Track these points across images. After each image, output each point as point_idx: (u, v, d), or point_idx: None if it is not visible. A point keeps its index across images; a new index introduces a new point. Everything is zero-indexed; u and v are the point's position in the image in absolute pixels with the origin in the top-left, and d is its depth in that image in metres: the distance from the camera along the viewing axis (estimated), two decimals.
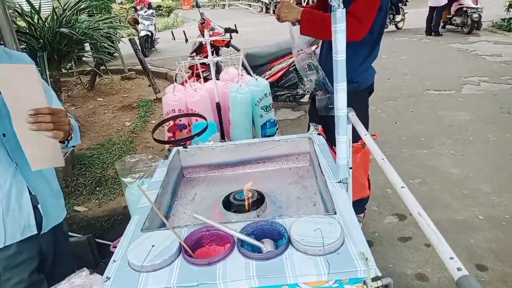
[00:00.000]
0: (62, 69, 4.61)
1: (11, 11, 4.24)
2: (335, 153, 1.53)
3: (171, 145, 1.72)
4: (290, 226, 0.98)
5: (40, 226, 1.32)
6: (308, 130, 2.37)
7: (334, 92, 1.08)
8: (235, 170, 1.60)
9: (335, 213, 1.04)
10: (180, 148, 1.59)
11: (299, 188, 1.43)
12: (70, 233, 2.80)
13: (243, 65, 2.69)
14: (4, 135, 1.21)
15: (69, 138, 1.24)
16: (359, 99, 2.14)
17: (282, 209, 1.30)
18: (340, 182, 1.19)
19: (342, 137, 1.13)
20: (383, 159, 1.07)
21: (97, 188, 3.34)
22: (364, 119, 2.18)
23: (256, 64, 4.42)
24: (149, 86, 5.92)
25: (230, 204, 1.31)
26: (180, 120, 2.42)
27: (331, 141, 1.57)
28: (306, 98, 4.83)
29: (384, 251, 2.26)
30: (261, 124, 2.44)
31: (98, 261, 2.84)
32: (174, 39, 2.49)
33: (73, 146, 1.41)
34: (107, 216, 2.96)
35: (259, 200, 1.31)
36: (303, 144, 1.55)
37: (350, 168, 1.38)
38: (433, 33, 9.47)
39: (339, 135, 1.13)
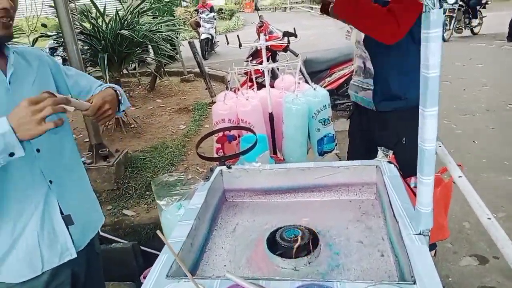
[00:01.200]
0: (123, 70, 4.72)
1: (76, 15, 4.42)
2: (409, 188, 1.25)
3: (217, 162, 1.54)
4: None
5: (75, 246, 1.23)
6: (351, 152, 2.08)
7: (420, 117, 0.82)
8: (285, 197, 1.37)
9: (415, 283, 0.77)
10: (224, 168, 1.40)
11: (362, 228, 1.16)
12: (115, 239, 2.77)
13: (300, 72, 2.47)
14: (38, 150, 1.12)
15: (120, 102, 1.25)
16: (414, 118, 1.81)
17: (340, 257, 1.05)
18: (420, 234, 0.91)
19: (427, 178, 0.85)
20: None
21: (147, 193, 3.30)
22: (413, 145, 1.85)
23: (315, 70, 4.16)
24: (206, 89, 5.90)
25: (276, 244, 1.08)
26: (230, 131, 2.25)
27: (404, 172, 1.28)
28: None
29: None
30: (318, 139, 2.19)
31: (142, 269, 2.78)
32: (228, 43, 2.33)
33: (123, 111, 1.36)
34: (153, 224, 2.89)
35: (311, 242, 1.07)
36: (369, 173, 1.28)
37: None
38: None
39: (423, 175, 0.85)
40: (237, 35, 2.12)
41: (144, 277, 0.99)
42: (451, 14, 9.25)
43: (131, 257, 2.73)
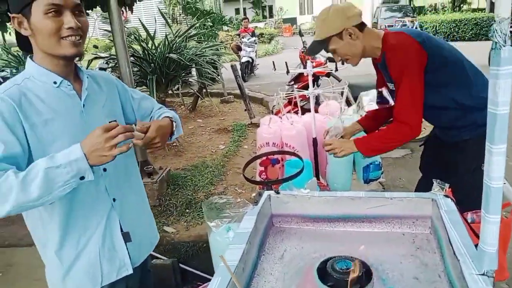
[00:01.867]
0: (169, 91, 4.92)
1: (132, 36, 4.71)
2: (467, 223, 1.20)
3: (261, 186, 1.55)
4: None
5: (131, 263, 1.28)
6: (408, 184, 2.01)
7: (487, 154, 0.80)
8: (333, 226, 1.36)
9: None
10: (272, 193, 1.41)
11: (417, 264, 1.13)
12: (156, 255, 2.83)
13: (346, 98, 2.47)
14: (105, 169, 1.19)
15: (173, 132, 1.29)
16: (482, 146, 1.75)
17: None
18: (484, 274, 0.87)
19: (494, 216, 0.82)
20: None
21: (187, 210, 3.36)
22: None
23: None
24: (245, 110, 6.00)
25: (327, 274, 1.07)
26: (273, 155, 2.27)
27: (461, 207, 1.23)
28: None
29: None
30: (364, 166, 2.17)
31: (179, 287, 2.81)
32: (275, 69, 2.39)
33: (176, 138, 1.41)
34: (193, 242, 2.93)
35: (364, 275, 1.05)
36: (423, 206, 1.25)
37: None
38: None
39: (488, 213, 0.82)
40: (285, 62, 2.16)
41: None
42: None
43: (170, 273, 2.77)
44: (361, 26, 1.64)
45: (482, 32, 14.21)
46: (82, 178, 0.98)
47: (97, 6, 3.28)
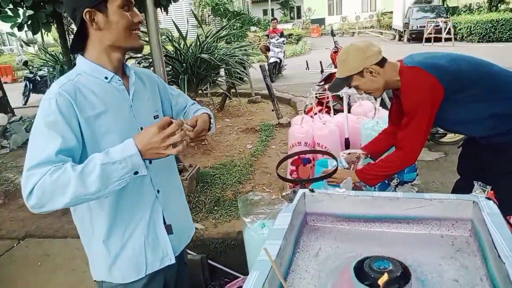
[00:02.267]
0: (199, 91, 5.01)
1: (164, 37, 4.82)
2: (510, 226, 1.16)
3: (294, 184, 1.56)
4: None
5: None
6: (453, 188, 1.97)
7: None
8: (369, 226, 1.35)
9: None
10: (307, 191, 1.41)
11: (457, 266, 1.10)
12: (187, 250, 2.89)
13: (381, 98, 2.43)
14: (150, 161, 1.22)
15: (210, 128, 1.34)
16: None
17: None
18: None
19: None
20: None
21: (215, 208, 3.41)
22: None
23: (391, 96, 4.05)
24: (273, 110, 6.02)
25: (365, 274, 1.06)
26: (305, 154, 2.27)
27: (502, 210, 1.20)
28: (447, 138, 4.21)
29: None
30: None
31: (208, 282, 2.85)
32: (308, 68, 2.39)
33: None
34: (221, 239, 2.97)
35: (402, 275, 1.03)
36: (464, 209, 1.22)
37: None
38: None
39: None
40: (320, 62, 2.17)
41: None
42: None
43: (199, 269, 2.82)
44: (382, 62, 1.67)
45: None
46: (136, 173, 1.01)
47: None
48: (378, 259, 1.08)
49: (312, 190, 1.42)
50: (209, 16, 12.89)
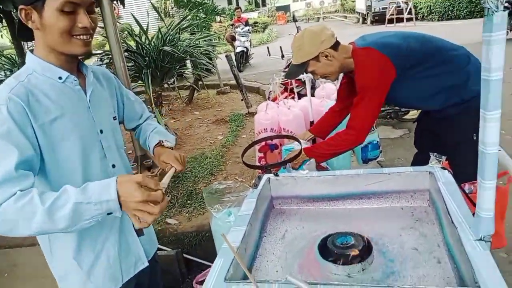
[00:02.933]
0: (164, 85, 4.90)
1: (125, 33, 4.68)
2: (465, 194, 1.21)
3: (263, 171, 1.56)
4: None
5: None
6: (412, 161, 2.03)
7: (481, 121, 0.80)
8: (333, 205, 1.37)
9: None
10: (271, 176, 1.42)
11: (416, 236, 1.14)
12: (160, 247, 2.85)
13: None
14: (113, 166, 1.18)
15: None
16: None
17: (395, 264, 1.04)
18: (481, 240, 0.89)
19: (489, 182, 0.83)
20: None
21: (188, 202, 3.38)
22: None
23: None
24: (242, 100, 5.99)
25: (328, 250, 1.08)
26: (272, 140, 2.28)
27: (457, 178, 1.25)
28: (410, 115, 4.33)
29: None
30: (362, 146, 2.17)
31: (185, 276, 2.83)
32: (270, 55, 2.39)
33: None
34: (195, 232, 2.95)
35: (364, 249, 1.06)
36: (421, 180, 1.26)
37: None
38: None
39: (484, 179, 0.83)
40: (280, 47, 2.16)
41: (197, 282, 1.03)
42: None
43: (175, 264, 2.80)
44: (336, 45, 1.68)
45: (477, 10, 14.09)
46: (109, 213, 0.91)
47: None
48: (340, 236, 1.11)
49: (276, 174, 1.43)
50: (172, 8, 12.58)
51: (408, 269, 1.01)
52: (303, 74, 1.83)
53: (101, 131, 1.14)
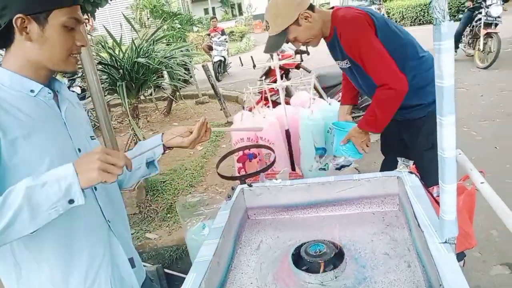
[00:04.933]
0: (141, 97, 4.84)
1: (98, 46, 4.60)
2: (432, 197, 1.24)
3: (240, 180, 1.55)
4: None
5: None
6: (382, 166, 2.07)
7: (438, 127, 0.83)
8: (307, 213, 1.38)
9: None
10: (245, 186, 1.42)
11: (387, 240, 1.16)
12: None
13: (315, 88, 2.50)
14: (95, 188, 1.05)
15: None
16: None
17: (367, 270, 1.05)
18: (446, 242, 0.91)
19: (449, 186, 0.85)
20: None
21: (168, 215, 3.33)
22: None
23: (330, 85, 4.18)
24: (221, 110, 5.99)
25: (302, 259, 1.09)
26: (249, 149, 2.28)
27: (426, 182, 1.28)
28: None
29: None
30: (334, 153, 2.20)
31: None
32: (242, 65, 2.40)
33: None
34: (176, 246, 2.91)
35: (337, 256, 1.07)
36: (390, 184, 1.29)
37: None
38: None
39: (445, 183, 0.86)
40: (251, 57, 2.18)
41: None
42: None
43: (156, 280, 2.75)
44: (311, 7, 1.66)
45: (451, 13, 14.58)
46: (71, 201, 0.82)
47: None
48: (313, 244, 1.11)
49: (250, 185, 1.43)
50: (148, 19, 12.51)
51: (379, 275, 1.02)
52: (286, 43, 1.78)
53: (79, 150, 1.04)
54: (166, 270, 2.79)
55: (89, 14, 3.34)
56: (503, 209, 0.79)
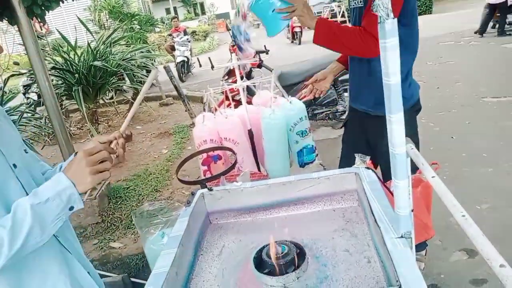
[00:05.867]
0: (100, 101, 4.68)
1: (49, 50, 4.41)
2: (389, 191, 1.26)
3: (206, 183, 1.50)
4: None
5: None
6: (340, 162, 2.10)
7: (387, 124, 0.83)
8: (269, 214, 1.36)
9: (400, 287, 0.77)
10: (205, 191, 1.38)
11: (348, 237, 1.16)
12: (104, 273, 2.69)
13: (276, 86, 2.49)
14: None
15: None
16: (406, 120, 1.86)
17: (328, 269, 1.05)
18: (402, 237, 0.92)
19: (401, 181, 0.86)
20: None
21: (132, 223, 3.24)
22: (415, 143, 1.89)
23: (292, 83, 4.21)
24: (186, 111, 5.89)
25: (263, 262, 1.07)
26: (213, 151, 2.23)
27: (384, 177, 1.30)
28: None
29: None
30: (297, 150, 2.20)
31: None
32: (201, 66, 2.35)
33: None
34: (142, 254, 2.83)
35: (298, 256, 1.06)
36: (349, 181, 1.29)
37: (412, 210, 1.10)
38: (498, 34, 8.66)
39: (397, 178, 0.86)
40: (209, 57, 2.14)
41: None
42: None
43: None
44: None
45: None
46: (71, 208, 0.90)
47: (3, 20, 3.01)
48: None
49: (210, 189, 1.40)
50: (107, 20, 12.11)
51: (340, 272, 1.02)
52: None
53: (15, 166, 1.00)
54: (132, 279, 2.71)
55: (37, 18, 3.18)
56: (451, 201, 0.81)
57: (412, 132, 1.86)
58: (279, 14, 1.69)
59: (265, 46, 2.67)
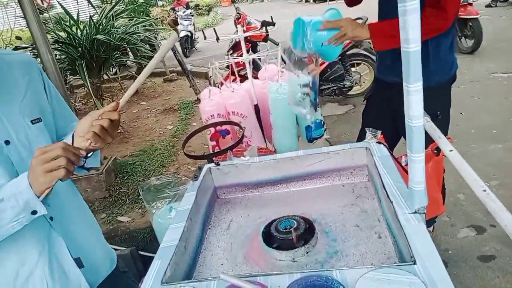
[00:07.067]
0: (104, 76, 4.62)
1: (51, 24, 4.32)
2: (401, 166, 1.23)
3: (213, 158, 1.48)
4: (353, 284, 0.71)
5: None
6: (357, 136, 2.06)
7: (405, 95, 0.79)
8: (277, 189, 1.35)
9: (415, 263, 0.75)
10: (212, 165, 1.36)
11: (357, 212, 1.15)
12: (112, 247, 2.73)
13: (283, 60, 2.43)
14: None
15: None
16: (442, 94, 1.81)
17: (337, 244, 1.03)
18: (416, 212, 0.90)
19: (417, 155, 0.83)
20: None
21: (139, 197, 3.26)
22: (446, 119, 1.84)
23: (298, 57, 4.12)
24: (190, 87, 5.83)
25: (272, 237, 1.06)
26: (221, 126, 2.21)
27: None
28: (354, 90, 4.43)
29: (462, 274, 1.88)
30: (306, 125, 2.17)
31: (142, 274, 2.75)
32: (206, 38, 2.29)
33: (88, 169, 1.14)
34: (149, 228, 2.86)
35: (307, 231, 1.05)
36: (359, 156, 1.26)
37: None
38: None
39: (412, 152, 0.83)
40: (214, 29, 2.08)
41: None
42: None
43: (131, 263, 2.69)
44: None
45: None
46: (34, 212, 0.82)
47: None
48: (283, 220, 1.08)
49: (217, 164, 1.38)
50: None
51: (351, 247, 1.01)
52: None
53: (7, 142, 0.91)
54: (141, 253, 2.75)
55: None
56: (471, 175, 0.78)
57: (447, 108, 1.83)
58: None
59: (271, 17, 2.59)
